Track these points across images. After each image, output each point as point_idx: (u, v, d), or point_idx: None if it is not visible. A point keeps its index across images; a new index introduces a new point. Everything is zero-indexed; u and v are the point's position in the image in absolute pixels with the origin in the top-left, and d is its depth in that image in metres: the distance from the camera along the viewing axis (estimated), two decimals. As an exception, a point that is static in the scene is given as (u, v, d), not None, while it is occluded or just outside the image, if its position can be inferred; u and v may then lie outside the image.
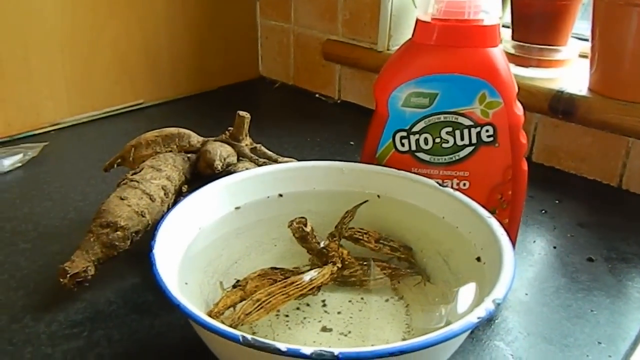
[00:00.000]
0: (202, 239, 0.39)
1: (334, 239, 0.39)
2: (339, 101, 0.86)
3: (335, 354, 0.25)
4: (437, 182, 0.43)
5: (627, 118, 0.60)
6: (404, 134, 0.45)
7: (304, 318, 0.36)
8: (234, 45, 0.91)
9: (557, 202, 0.60)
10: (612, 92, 0.61)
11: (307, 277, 0.35)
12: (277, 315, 0.37)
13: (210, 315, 0.32)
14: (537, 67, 0.68)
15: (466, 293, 0.35)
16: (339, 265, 0.37)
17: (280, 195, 0.44)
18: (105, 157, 0.54)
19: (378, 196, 0.43)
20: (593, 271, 0.49)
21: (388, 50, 0.77)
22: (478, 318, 0.28)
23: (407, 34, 0.78)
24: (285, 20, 0.89)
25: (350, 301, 0.38)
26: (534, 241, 0.53)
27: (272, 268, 0.37)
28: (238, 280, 0.36)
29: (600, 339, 0.41)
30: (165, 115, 0.81)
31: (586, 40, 0.69)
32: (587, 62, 0.65)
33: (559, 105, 0.63)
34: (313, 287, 0.35)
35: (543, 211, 0.58)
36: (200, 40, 0.86)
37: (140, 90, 0.82)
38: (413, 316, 0.37)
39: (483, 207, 0.39)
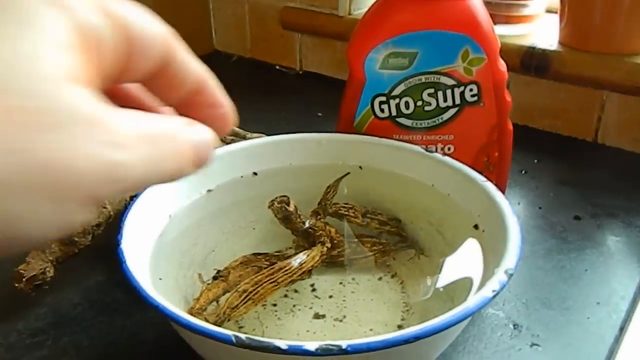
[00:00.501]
0: (174, 227, 0.35)
1: (319, 217, 0.36)
2: (301, 72, 0.82)
3: (343, 347, 0.22)
4: (423, 148, 0.40)
5: (600, 70, 0.58)
6: (383, 98, 0.41)
7: (294, 306, 0.33)
8: (183, 18, 0.85)
9: (535, 161, 0.58)
10: (584, 45, 0.60)
11: (295, 261, 0.32)
12: (263, 305, 0.34)
13: (191, 313, 0.29)
14: (506, 24, 0.65)
15: (468, 264, 0.33)
16: (328, 245, 0.34)
17: (255, 174, 0.40)
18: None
19: (360, 167, 0.40)
20: (581, 229, 0.47)
21: (350, 15, 0.74)
22: (493, 291, 0.25)
23: (368, -4, 0.75)
24: (237, -12, 0.83)
25: (341, 283, 0.35)
26: (518, 203, 0.51)
27: (254, 254, 0.34)
28: (218, 271, 0.32)
29: (598, 299, 0.39)
30: (117, 97, 0.76)
31: (553, -7, 0.68)
32: (554, 17, 0.64)
33: (532, 62, 0.61)
34: (303, 272, 0.32)
35: (523, 171, 0.56)
36: (148, 15, 0.80)
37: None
38: (410, 293, 0.34)
39: (477, 171, 0.36)
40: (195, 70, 0.20)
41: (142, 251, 0.31)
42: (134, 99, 0.20)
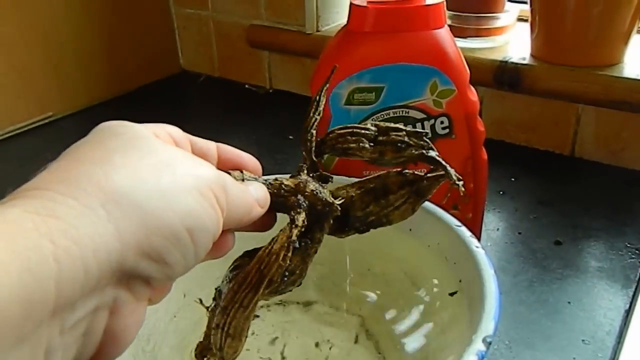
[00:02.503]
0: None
1: (302, 168, 0.28)
2: (271, 90, 0.80)
3: None
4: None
5: (574, 84, 0.57)
6: (351, 135, 0.39)
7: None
8: (148, 39, 0.83)
9: (512, 179, 0.57)
10: (556, 58, 0.58)
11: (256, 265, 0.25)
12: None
13: (200, 352, 0.26)
14: (476, 37, 0.64)
15: (442, 317, 0.31)
16: (300, 222, 0.25)
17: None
18: (15, 187, 0.46)
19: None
20: (563, 255, 0.46)
21: (317, 31, 0.72)
22: (470, 368, 0.23)
23: (336, 13, 0.73)
24: (201, 6, 0.81)
25: (317, 345, 0.33)
26: (498, 229, 0.50)
27: (247, 253, 0.27)
28: (217, 289, 0.26)
29: (584, 336, 0.38)
30: (80, 127, 0.71)
31: (523, 2, 0.66)
32: (527, 25, 0.62)
33: (504, 77, 0.60)
34: (271, 280, 0.24)
35: (501, 192, 0.55)
36: (110, 37, 0.77)
37: (47, 101, 0.73)
38: (386, 355, 0.32)
39: (450, 213, 0.34)
40: (204, 142, 0.26)
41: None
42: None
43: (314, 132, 0.29)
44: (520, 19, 0.67)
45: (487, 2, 0.63)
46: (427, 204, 0.36)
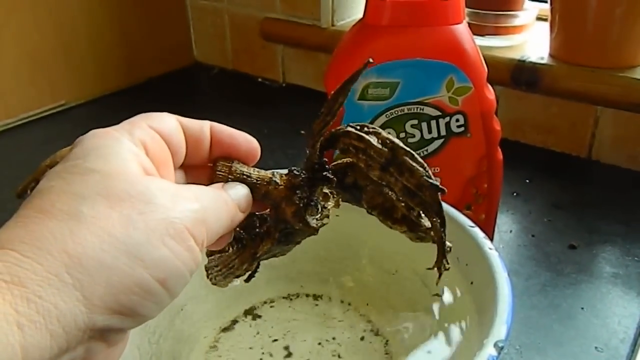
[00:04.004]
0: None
1: (296, 173, 0.26)
2: (284, 84, 0.80)
3: None
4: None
5: (593, 85, 0.56)
6: (364, 131, 0.39)
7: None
8: (163, 30, 0.82)
9: (527, 181, 0.56)
10: (575, 58, 0.57)
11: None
12: (236, 365, 0.31)
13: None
14: (494, 35, 0.63)
15: (453, 316, 0.30)
16: (265, 248, 0.25)
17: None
18: (24, 174, 0.46)
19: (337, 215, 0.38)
20: (577, 260, 0.45)
21: (333, 26, 0.71)
22: (481, 373, 0.23)
23: (352, 7, 0.72)
24: (216, -2, 0.80)
25: (320, 343, 0.32)
26: (511, 231, 0.49)
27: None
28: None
29: (597, 343, 0.37)
30: (92, 116, 0.73)
31: (543, 1, 0.65)
32: (546, 25, 0.61)
33: (522, 76, 0.59)
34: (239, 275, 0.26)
35: (515, 194, 0.54)
36: (124, 27, 0.77)
37: (60, 89, 0.73)
38: (394, 356, 0.31)
39: (464, 214, 0.33)
40: (197, 124, 0.24)
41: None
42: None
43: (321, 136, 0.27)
44: (539, 18, 0.66)
45: (506, 0, 0.62)
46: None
